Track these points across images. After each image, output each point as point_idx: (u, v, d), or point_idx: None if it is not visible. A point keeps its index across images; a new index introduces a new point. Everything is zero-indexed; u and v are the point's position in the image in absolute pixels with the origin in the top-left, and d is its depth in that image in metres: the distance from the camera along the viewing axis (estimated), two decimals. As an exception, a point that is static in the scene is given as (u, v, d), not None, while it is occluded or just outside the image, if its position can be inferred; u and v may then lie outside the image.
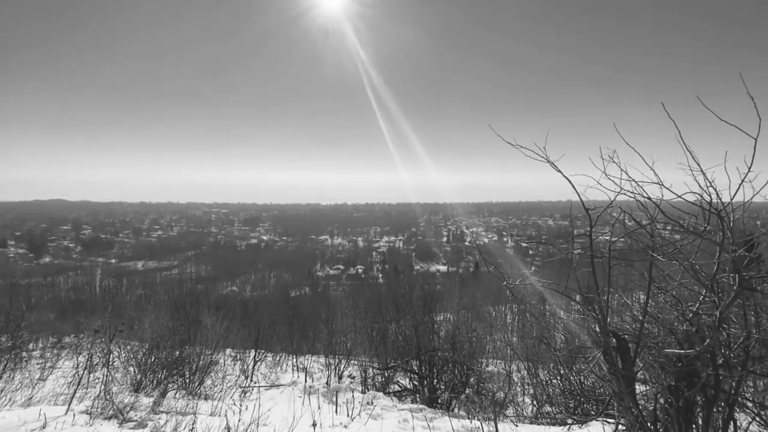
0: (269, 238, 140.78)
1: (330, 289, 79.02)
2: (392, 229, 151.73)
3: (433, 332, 8.54)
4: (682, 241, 3.04)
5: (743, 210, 2.68)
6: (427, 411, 5.71)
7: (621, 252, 3.62)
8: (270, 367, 10.01)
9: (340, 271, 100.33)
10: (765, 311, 3.10)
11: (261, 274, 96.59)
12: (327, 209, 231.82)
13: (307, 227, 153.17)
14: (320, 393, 6.40)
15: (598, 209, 3.21)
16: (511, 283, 3.64)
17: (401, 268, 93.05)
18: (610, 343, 3.09)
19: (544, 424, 5.71)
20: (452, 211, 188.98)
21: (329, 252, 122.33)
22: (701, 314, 2.92)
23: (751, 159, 2.53)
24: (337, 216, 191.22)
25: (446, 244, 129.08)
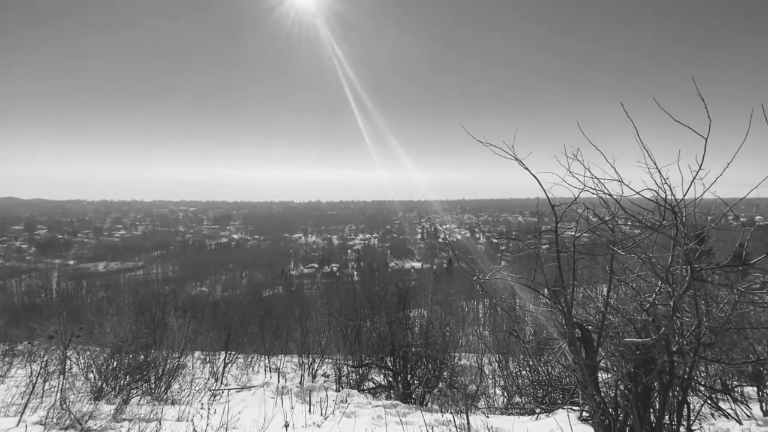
0: (240, 237, 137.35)
1: (304, 288, 78.18)
2: (367, 227, 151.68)
3: (408, 328, 8.61)
4: (641, 236, 3.19)
5: (695, 206, 2.84)
6: (401, 406, 5.75)
7: (585, 246, 3.77)
8: (241, 368, 9.78)
9: (315, 269, 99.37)
10: (715, 301, 3.32)
11: (232, 274, 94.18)
12: (301, 207, 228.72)
13: (280, 225, 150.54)
14: (293, 393, 6.31)
15: (563, 206, 3.32)
16: (481, 278, 3.71)
17: (376, 265, 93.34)
18: (574, 334, 3.21)
19: (514, 414, 5.88)
20: (427, 209, 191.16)
21: (303, 250, 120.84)
22: (657, 304, 3.08)
23: (702, 158, 2.68)
24: (312, 214, 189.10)
25: (421, 241, 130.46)
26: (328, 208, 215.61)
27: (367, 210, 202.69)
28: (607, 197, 3.11)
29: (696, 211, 3.13)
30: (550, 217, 3.55)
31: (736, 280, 3.35)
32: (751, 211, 3.79)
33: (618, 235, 3.25)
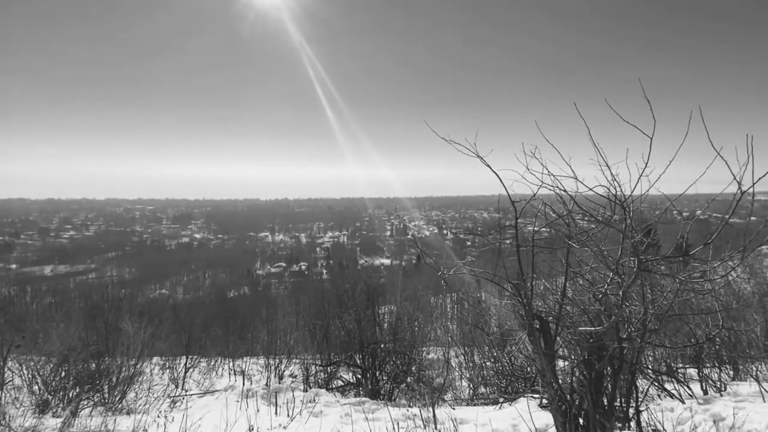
0: (203, 236, 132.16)
1: (271, 287, 76.44)
2: (336, 225, 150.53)
3: (376, 325, 8.63)
4: (594, 230, 3.36)
5: (641, 201, 3.02)
6: (369, 403, 5.76)
7: (544, 241, 3.93)
8: (204, 373, 9.42)
9: (282, 268, 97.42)
10: (660, 290, 3.56)
11: (194, 275, 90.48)
12: (267, 204, 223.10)
13: (246, 224, 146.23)
14: (259, 395, 6.15)
15: (522, 202, 3.43)
16: (445, 274, 3.78)
17: (346, 263, 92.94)
18: (534, 325, 3.34)
19: (479, 405, 6.06)
20: (396, 206, 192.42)
21: (270, 249, 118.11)
22: (609, 294, 3.26)
23: (648, 156, 2.86)
24: (279, 211, 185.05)
25: (390, 238, 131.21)
26: (296, 206, 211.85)
27: (336, 207, 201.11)
28: (563, 193, 3.25)
29: (643, 207, 3.34)
30: (512, 213, 3.66)
31: (678, 270, 3.61)
32: (692, 206, 4.10)
33: (573, 230, 3.41)
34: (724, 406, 4.28)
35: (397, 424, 3.97)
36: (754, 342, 7.51)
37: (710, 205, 3.16)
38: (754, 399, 4.78)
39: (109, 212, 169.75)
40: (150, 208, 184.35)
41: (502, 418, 4.26)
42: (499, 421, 4.16)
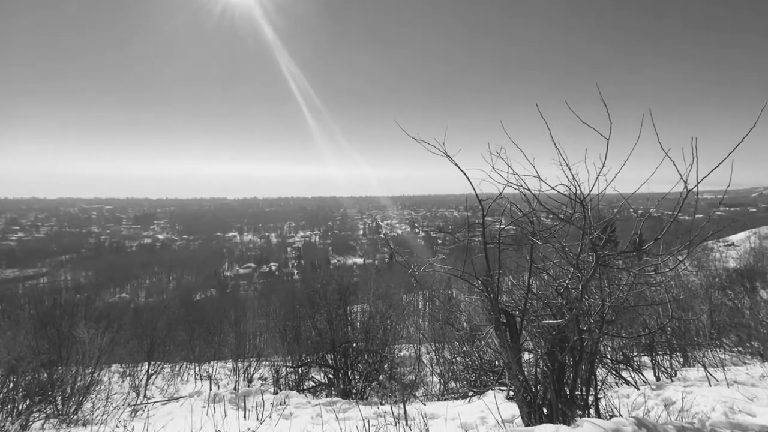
0: (167, 237, 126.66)
1: (240, 289, 74.44)
2: (308, 224, 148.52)
3: (348, 324, 8.59)
4: (556, 227, 3.50)
5: (599, 199, 3.18)
6: (341, 403, 5.73)
7: (511, 238, 4.06)
8: (168, 379, 9.04)
9: (252, 269, 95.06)
10: (616, 283, 3.76)
11: (158, 277, 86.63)
12: (235, 204, 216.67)
13: (213, 224, 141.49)
14: (227, 400, 5.98)
15: (489, 200, 3.52)
16: (416, 271, 3.82)
17: (318, 262, 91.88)
18: (500, 320, 3.44)
19: (449, 399, 6.17)
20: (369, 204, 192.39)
21: (238, 250, 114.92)
22: (570, 288, 3.41)
23: (605, 157, 3.01)
24: (247, 211, 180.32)
25: (363, 237, 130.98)
26: (266, 205, 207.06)
27: (307, 206, 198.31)
28: (527, 192, 3.36)
29: (602, 205, 3.51)
30: (480, 212, 3.74)
31: (633, 264, 3.83)
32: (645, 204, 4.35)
33: (537, 227, 3.54)
34: (675, 391, 4.59)
35: (368, 422, 3.98)
36: (701, 330, 8.11)
37: (661, 203, 3.36)
38: (701, 383, 5.15)
39: (63, 212, 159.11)
40: (108, 208, 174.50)
41: (471, 412, 4.36)
42: (468, 414, 4.25)
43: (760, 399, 4.02)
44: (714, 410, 3.77)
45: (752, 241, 26.23)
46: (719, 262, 21.38)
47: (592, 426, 2.41)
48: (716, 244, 26.25)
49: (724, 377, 5.05)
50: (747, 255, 22.27)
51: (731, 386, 4.66)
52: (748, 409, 3.77)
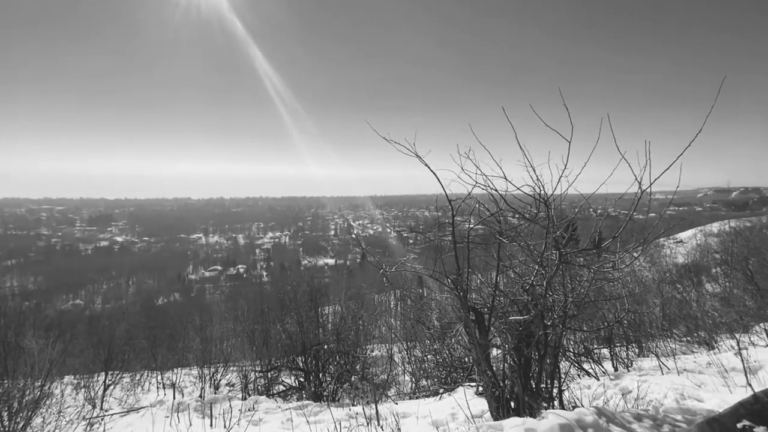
0: (126, 239, 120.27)
1: (206, 292, 71.94)
2: (277, 224, 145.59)
3: (320, 326, 8.49)
4: (522, 226, 3.62)
5: (561, 199, 3.32)
6: (312, 406, 5.66)
7: (480, 237, 4.16)
8: (127, 389, 8.56)
9: (218, 272, 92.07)
10: (577, 279, 3.93)
11: (116, 282, 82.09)
12: (200, 204, 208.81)
13: (176, 225, 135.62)
14: (192, 408, 5.74)
15: (458, 200, 3.59)
16: (387, 271, 3.83)
17: (288, 264, 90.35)
18: (469, 317, 3.51)
19: (420, 397, 6.24)
20: (340, 205, 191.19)
21: (204, 252, 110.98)
22: (535, 285, 3.53)
23: (567, 158, 3.14)
24: (213, 211, 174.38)
25: (334, 238, 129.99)
26: (233, 205, 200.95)
27: (276, 207, 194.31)
28: (494, 193, 3.46)
29: (565, 205, 3.67)
30: (450, 212, 3.81)
31: (593, 262, 4.03)
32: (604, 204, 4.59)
33: (504, 227, 3.65)
34: (631, 380, 4.86)
35: (340, 424, 3.95)
36: (654, 322, 8.65)
37: (617, 203, 3.55)
38: (654, 372, 5.48)
39: (8, 213, 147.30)
40: (60, 209, 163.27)
41: (441, 409, 4.43)
42: (439, 411, 4.31)
43: (706, 385, 4.33)
44: (666, 397, 4.02)
45: (698, 238, 28.27)
46: (669, 258, 22.87)
47: (556, 417, 2.50)
48: (667, 241, 28.09)
49: (675, 366, 5.40)
50: (694, 251, 23.96)
51: (681, 374, 4.99)
52: (697, 395, 4.05)
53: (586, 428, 2.43)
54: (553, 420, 2.48)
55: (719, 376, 4.49)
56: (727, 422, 1.80)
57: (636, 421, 2.65)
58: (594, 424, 2.48)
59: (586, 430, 2.41)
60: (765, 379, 4.14)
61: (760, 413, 1.78)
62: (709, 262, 20.07)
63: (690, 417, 2.77)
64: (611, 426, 2.50)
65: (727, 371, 4.59)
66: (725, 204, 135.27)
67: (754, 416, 1.78)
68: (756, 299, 8.99)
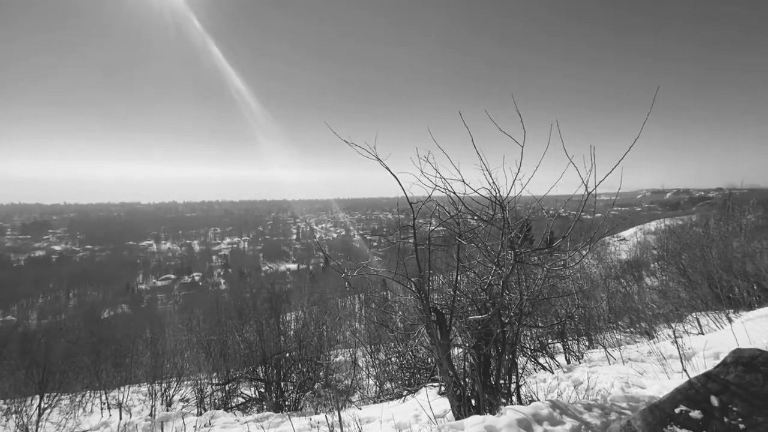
0: (65, 248, 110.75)
1: (158, 303, 67.84)
2: (235, 229, 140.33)
3: (281, 334, 8.25)
4: (480, 228, 3.72)
5: (515, 201, 3.44)
6: (273, 417, 5.47)
7: (441, 239, 4.23)
8: (67, 412, 7.84)
9: (171, 281, 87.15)
10: (532, 278, 4.10)
11: (54, 294, 75.25)
12: (150, 209, 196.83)
13: (123, 232, 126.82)
14: (141, 429, 5.36)
15: (419, 203, 3.63)
16: (349, 275, 3.79)
17: (247, 270, 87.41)
18: (431, 318, 3.55)
19: (385, 401, 6.22)
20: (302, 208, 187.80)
21: (155, 260, 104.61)
22: (493, 285, 3.64)
23: (520, 163, 3.26)
24: (165, 217, 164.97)
25: (296, 242, 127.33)
26: (186, 210, 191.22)
27: (234, 211, 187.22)
28: (453, 195, 3.53)
29: (520, 206, 3.81)
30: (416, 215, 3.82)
31: (546, 260, 4.22)
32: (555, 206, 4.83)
33: (463, 228, 3.73)
34: (582, 372, 5.13)
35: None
36: (602, 315, 9.23)
37: (567, 204, 3.75)
38: (602, 363, 5.83)
39: None
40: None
41: (405, 411, 4.43)
42: (403, 414, 4.32)
43: (648, 373, 4.66)
44: (613, 386, 4.28)
45: (638, 236, 30.62)
46: (614, 255, 24.55)
47: (514, 413, 2.58)
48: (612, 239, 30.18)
49: (620, 356, 5.78)
50: (635, 248, 25.91)
51: (626, 363, 5.35)
52: (640, 382, 4.35)
53: (541, 421, 2.52)
54: (511, 416, 2.55)
55: (659, 364, 4.86)
56: (666, 408, 1.93)
57: (587, 411, 2.79)
58: (549, 416, 2.58)
59: (541, 423, 2.51)
60: (698, 364, 4.53)
61: (695, 398, 1.93)
62: (648, 257, 21.78)
63: (634, 404, 2.97)
64: (564, 417, 2.62)
65: (665, 359, 4.98)
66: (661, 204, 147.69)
67: (690, 401, 1.93)
68: (688, 291, 9.85)
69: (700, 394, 1.93)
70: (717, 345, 4.94)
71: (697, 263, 10.45)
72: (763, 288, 8.64)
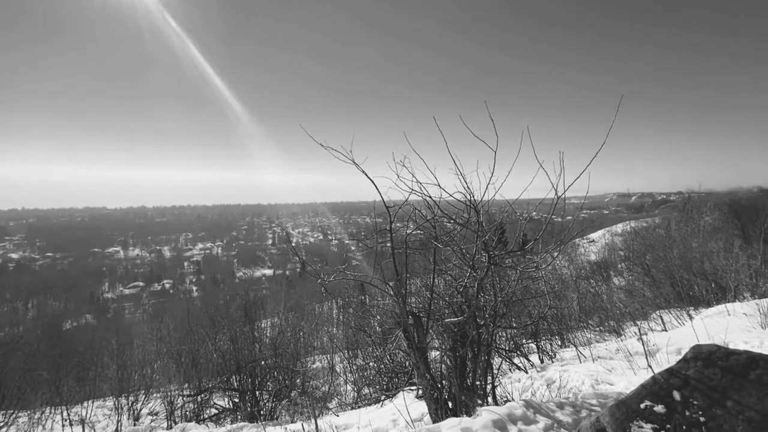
0: (23, 256, 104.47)
1: (125, 312, 64.95)
2: (209, 235, 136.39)
3: (255, 341, 8.07)
4: (455, 231, 3.77)
5: (489, 205, 3.51)
6: (248, 427, 5.32)
7: (419, 243, 4.25)
8: (25, 430, 7.36)
9: (140, 288, 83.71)
10: (506, 280, 4.19)
11: (10, 305, 70.48)
12: (117, 214, 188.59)
13: (88, 238, 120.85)
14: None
15: (395, 207, 3.64)
16: (325, 281, 3.75)
17: (221, 277, 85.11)
18: (408, 321, 3.56)
19: (363, 406, 6.17)
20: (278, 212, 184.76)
21: (123, 267, 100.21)
22: (468, 287, 3.69)
23: (493, 167, 3.33)
24: (133, 222, 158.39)
25: (272, 247, 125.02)
26: (156, 215, 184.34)
27: (207, 215, 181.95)
28: (429, 199, 3.56)
29: (495, 210, 3.89)
30: (393, 219, 3.83)
31: (519, 262, 4.32)
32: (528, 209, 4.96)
33: (439, 232, 3.77)
34: (554, 371, 5.27)
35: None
36: (573, 315, 9.52)
37: (539, 207, 3.85)
38: (574, 361, 6.01)
39: None
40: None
41: (383, 416, 4.41)
42: (381, 419, 4.30)
43: (616, 370, 4.84)
44: (584, 383, 4.42)
45: (606, 238, 31.90)
46: (584, 256, 25.45)
47: (489, 414, 2.61)
48: (581, 241, 31.30)
49: (590, 354, 5.98)
50: (603, 249, 26.97)
51: (596, 361, 5.53)
52: (609, 379, 4.51)
53: (516, 421, 2.57)
54: (487, 417, 2.58)
55: (626, 361, 5.06)
56: (632, 404, 2.01)
57: (559, 410, 2.86)
58: (523, 416, 2.63)
59: (516, 423, 2.55)
60: (662, 360, 4.74)
61: (658, 393, 2.02)
62: (616, 258, 22.71)
63: (603, 401, 3.07)
64: (538, 416, 2.68)
65: (632, 355, 5.19)
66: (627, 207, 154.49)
67: (654, 396, 2.01)
68: (652, 290, 10.33)
69: (663, 389, 2.01)
70: (679, 341, 5.20)
71: (660, 263, 10.98)
72: (720, 286, 9.17)
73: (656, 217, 34.67)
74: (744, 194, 25.38)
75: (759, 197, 22.50)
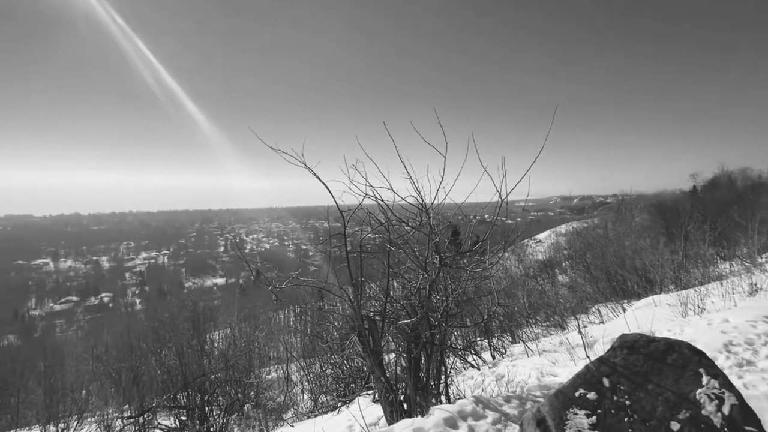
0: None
1: (56, 330, 59.00)
2: (153, 243, 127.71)
3: (205, 355, 7.66)
4: (408, 234, 3.84)
5: (440, 208, 3.62)
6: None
7: (376, 246, 4.27)
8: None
9: (73, 303, 76.46)
10: (457, 280, 4.32)
11: None
12: (46, 222, 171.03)
13: (10, 249, 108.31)
14: (29, 480, 4.57)
15: (349, 211, 3.64)
16: (278, 287, 3.66)
17: (168, 287, 79.92)
18: (363, 325, 3.56)
19: (319, 415, 6.06)
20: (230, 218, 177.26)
21: (53, 280, 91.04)
22: (421, 289, 3.76)
23: (443, 172, 3.44)
24: (65, 231, 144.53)
25: (224, 255, 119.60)
26: (93, 222, 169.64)
27: (151, 222, 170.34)
28: (382, 203, 3.60)
29: (448, 212, 4.01)
30: (349, 223, 3.82)
31: (469, 263, 4.48)
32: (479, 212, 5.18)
33: (393, 235, 3.82)
34: (504, 367, 5.51)
35: (228, 460, 3.58)
36: (522, 312, 10.02)
37: (485, 210, 4.03)
38: (522, 356, 6.32)
39: None
40: None
41: (339, 423, 4.37)
42: (336, 426, 4.25)
43: (559, 362, 5.16)
44: (530, 376, 4.67)
45: (552, 238, 34.02)
46: (532, 256, 26.93)
47: (441, 412, 2.68)
48: (530, 241, 33.10)
49: (537, 348, 6.32)
50: (549, 249, 28.71)
51: (542, 354, 5.86)
52: (553, 371, 4.80)
53: (466, 417, 2.66)
54: (439, 415, 2.65)
55: (568, 353, 5.40)
56: (568, 392, 2.16)
57: (506, 403, 3.00)
58: (473, 412, 2.73)
59: (466, 419, 2.64)
60: (599, 350, 5.12)
61: (591, 381, 2.18)
62: (560, 257, 24.25)
63: (546, 392, 3.26)
64: (487, 411, 2.79)
65: (573, 347, 5.56)
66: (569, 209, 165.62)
67: (587, 384, 2.17)
68: (592, 285, 11.15)
69: (595, 377, 2.18)
70: (613, 332, 5.64)
71: (598, 260, 11.88)
72: (649, 280, 10.11)
73: (595, 218, 37.49)
74: (669, 196, 28.23)
75: (680, 199, 25.16)
